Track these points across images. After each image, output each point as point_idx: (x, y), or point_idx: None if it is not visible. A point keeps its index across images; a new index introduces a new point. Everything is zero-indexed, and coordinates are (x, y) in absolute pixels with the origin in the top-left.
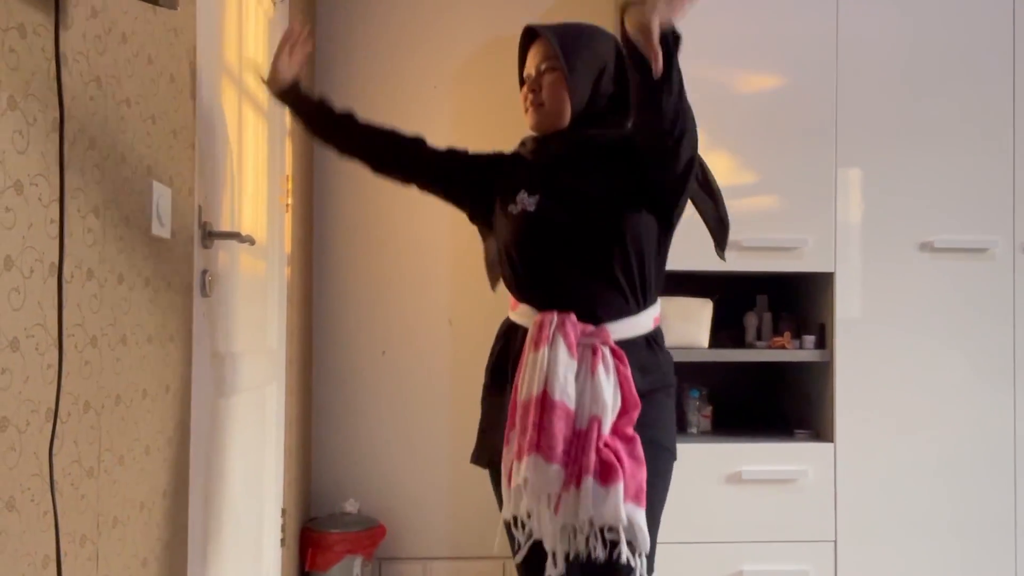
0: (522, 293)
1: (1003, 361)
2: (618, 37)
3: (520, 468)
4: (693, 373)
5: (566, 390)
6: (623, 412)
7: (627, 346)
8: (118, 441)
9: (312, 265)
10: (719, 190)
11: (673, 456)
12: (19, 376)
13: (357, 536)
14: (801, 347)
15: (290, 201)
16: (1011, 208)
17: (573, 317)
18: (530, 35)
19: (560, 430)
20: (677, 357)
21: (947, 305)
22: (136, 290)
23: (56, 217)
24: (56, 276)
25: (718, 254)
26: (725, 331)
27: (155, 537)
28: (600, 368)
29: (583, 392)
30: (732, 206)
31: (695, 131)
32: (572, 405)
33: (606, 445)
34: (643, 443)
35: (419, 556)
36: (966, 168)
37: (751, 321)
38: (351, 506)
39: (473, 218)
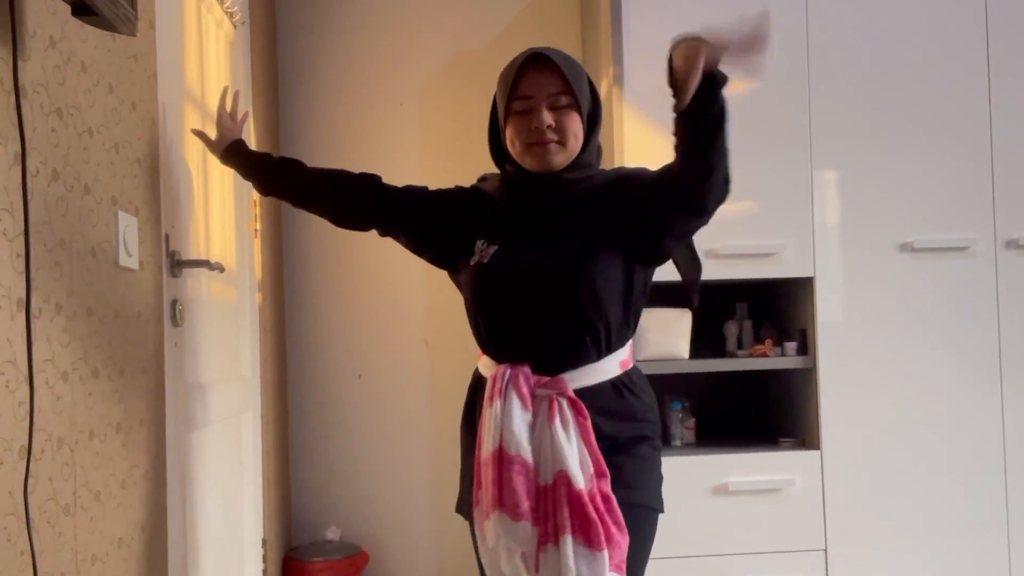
0: (482, 344)
1: (988, 360)
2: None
3: (489, 527)
4: (674, 385)
5: (521, 443)
6: (595, 474)
7: (588, 393)
8: (93, 477)
9: (284, 290)
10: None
11: (657, 512)
12: None
13: (340, 564)
14: (783, 354)
15: (259, 227)
16: (991, 204)
17: (527, 369)
18: (526, 60)
19: (520, 484)
20: (657, 369)
21: (930, 306)
22: (106, 323)
23: (22, 251)
24: (24, 311)
25: (690, 299)
26: (705, 341)
27: (134, 573)
28: (557, 421)
29: (541, 447)
30: None
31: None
32: (529, 459)
33: (591, 504)
34: (624, 507)
35: None
36: (944, 165)
37: (731, 330)
38: (333, 533)
39: (436, 262)
